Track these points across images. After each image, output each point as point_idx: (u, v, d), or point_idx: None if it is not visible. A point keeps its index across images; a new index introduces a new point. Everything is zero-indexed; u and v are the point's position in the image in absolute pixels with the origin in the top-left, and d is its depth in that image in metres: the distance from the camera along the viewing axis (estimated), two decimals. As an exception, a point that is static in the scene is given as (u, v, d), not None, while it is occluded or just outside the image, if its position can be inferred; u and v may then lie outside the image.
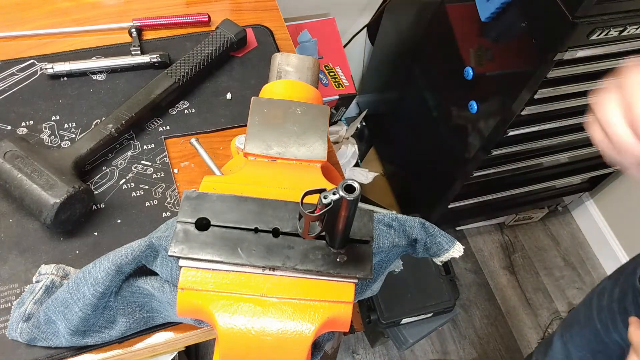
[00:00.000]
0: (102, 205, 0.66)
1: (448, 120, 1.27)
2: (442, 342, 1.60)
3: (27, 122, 0.71)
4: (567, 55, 0.91)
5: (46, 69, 0.74)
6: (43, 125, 0.71)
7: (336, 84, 1.44)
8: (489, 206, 1.53)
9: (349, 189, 0.37)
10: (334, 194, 0.38)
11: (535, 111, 1.05)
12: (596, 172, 1.55)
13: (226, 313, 0.43)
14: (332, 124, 1.65)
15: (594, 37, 0.88)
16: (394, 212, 0.55)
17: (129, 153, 0.71)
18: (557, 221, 1.88)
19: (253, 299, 0.44)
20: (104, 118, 0.70)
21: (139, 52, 0.78)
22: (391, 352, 1.55)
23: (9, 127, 0.70)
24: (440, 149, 1.36)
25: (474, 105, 1.13)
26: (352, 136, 1.72)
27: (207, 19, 0.85)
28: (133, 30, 0.81)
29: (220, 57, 0.80)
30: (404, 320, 1.37)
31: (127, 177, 0.69)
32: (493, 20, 1.02)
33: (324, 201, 0.38)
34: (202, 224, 0.45)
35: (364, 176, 1.61)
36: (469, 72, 1.12)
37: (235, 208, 0.46)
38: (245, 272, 0.45)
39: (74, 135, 0.71)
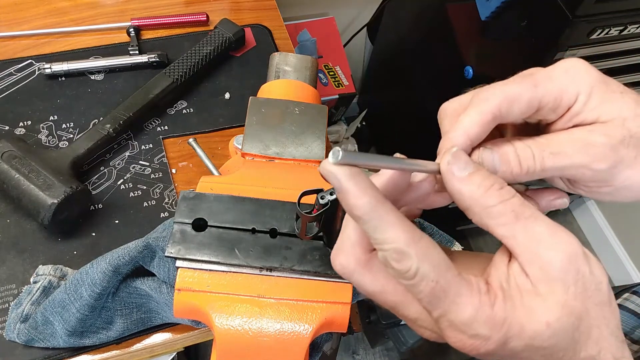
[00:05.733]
0: (100, 206, 0.66)
1: (448, 120, 1.26)
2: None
3: (25, 123, 0.71)
4: (567, 55, 0.91)
5: (44, 69, 0.74)
6: (41, 125, 0.71)
7: (336, 83, 1.44)
8: (490, 206, 1.53)
9: (346, 189, 0.37)
10: (331, 194, 0.38)
11: (536, 110, 1.04)
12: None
13: (223, 314, 0.43)
14: (332, 123, 1.65)
15: (594, 36, 0.88)
16: (392, 212, 0.55)
17: (127, 153, 0.70)
18: (558, 221, 1.85)
19: (250, 299, 0.44)
20: (102, 118, 0.70)
21: (137, 52, 0.78)
22: (391, 353, 1.55)
23: (7, 128, 0.70)
24: (440, 149, 1.36)
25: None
26: (352, 136, 1.72)
27: (205, 18, 0.85)
28: (131, 30, 0.81)
29: (219, 57, 0.80)
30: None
31: (125, 178, 0.68)
32: (493, 19, 1.02)
33: (321, 201, 0.38)
34: (199, 225, 0.45)
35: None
36: (469, 71, 1.11)
37: (232, 208, 0.46)
38: (243, 272, 0.44)
39: (71, 136, 0.70)
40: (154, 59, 0.77)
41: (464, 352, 0.29)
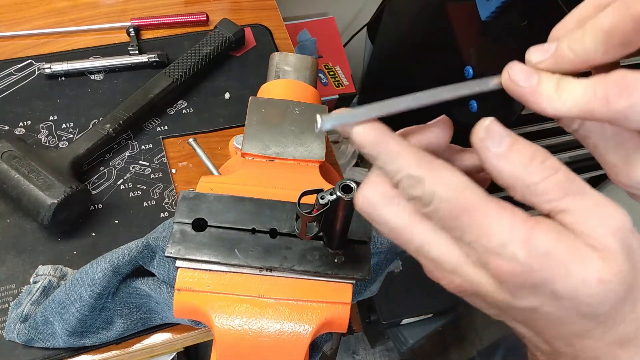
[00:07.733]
0: (100, 206, 0.66)
1: (448, 120, 1.26)
2: (443, 342, 1.59)
3: (25, 122, 0.71)
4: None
5: (44, 68, 0.74)
6: (41, 125, 0.71)
7: (336, 83, 1.44)
8: (490, 206, 1.52)
9: (346, 189, 0.37)
10: (331, 194, 0.38)
11: (536, 110, 1.04)
12: (597, 172, 1.54)
13: (223, 314, 0.43)
14: (332, 123, 1.65)
15: (594, 36, 0.88)
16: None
17: (127, 153, 0.70)
18: (557, 221, 1.87)
19: (250, 300, 0.44)
20: (101, 118, 0.70)
21: (137, 52, 0.78)
22: (391, 353, 1.55)
23: (7, 128, 0.70)
24: (440, 149, 1.36)
25: (474, 105, 1.12)
26: (352, 136, 1.72)
27: (205, 18, 0.85)
28: (131, 29, 0.81)
29: (219, 57, 0.80)
30: (404, 321, 1.36)
31: (125, 178, 0.68)
32: (493, 19, 1.02)
33: (321, 201, 0.38)
34: (199, 225, 0.45)
35: (364, 176, 1.60)
36: (469, 71, 1.11)
37: (232, 208, 0.46)
38: (243, 272, 0.44)
39: (71, 136, 0.70)
40: (153, 59, 0.77)
41: (507, 283, 0.25)
